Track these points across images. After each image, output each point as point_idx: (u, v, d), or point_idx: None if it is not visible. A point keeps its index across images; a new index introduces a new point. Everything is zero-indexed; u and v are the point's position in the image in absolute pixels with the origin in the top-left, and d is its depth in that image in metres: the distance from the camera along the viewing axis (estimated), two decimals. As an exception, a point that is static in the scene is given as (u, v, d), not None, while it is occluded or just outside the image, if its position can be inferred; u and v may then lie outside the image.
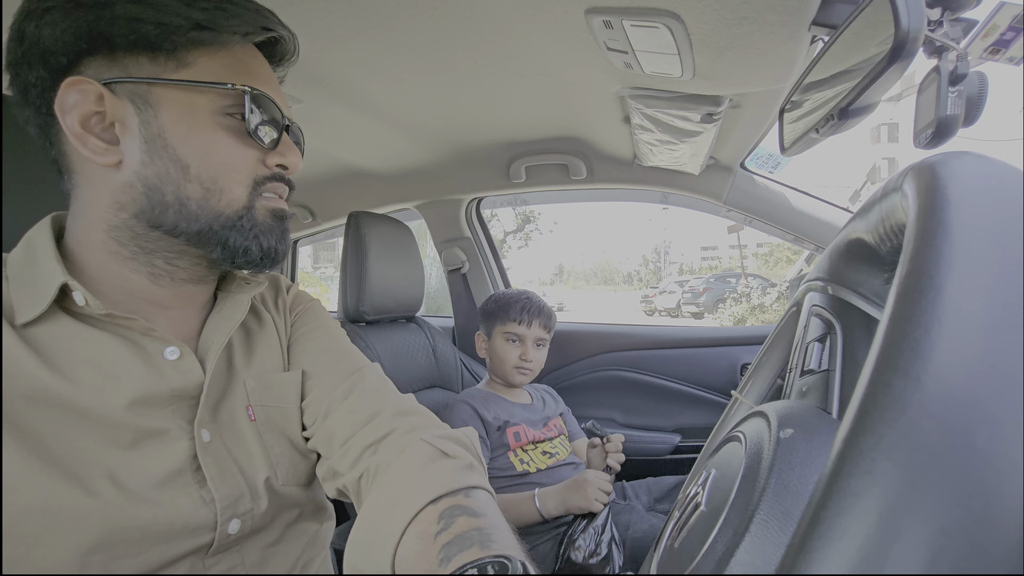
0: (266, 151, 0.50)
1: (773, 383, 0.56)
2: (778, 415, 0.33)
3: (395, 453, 0.51)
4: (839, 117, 0.62)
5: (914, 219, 0.19)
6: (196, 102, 0.47)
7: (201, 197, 0.48)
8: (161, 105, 0.46)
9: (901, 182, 0.27)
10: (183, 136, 0.47)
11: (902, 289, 0.17)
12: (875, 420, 0.15)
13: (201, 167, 0.47)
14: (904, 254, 0.18)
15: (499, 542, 0.39)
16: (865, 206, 0.35)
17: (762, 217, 1.40)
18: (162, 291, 0.51)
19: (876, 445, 0.14)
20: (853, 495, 0.14)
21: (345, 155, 1.55)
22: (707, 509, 0.32)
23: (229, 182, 0.48)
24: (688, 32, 0.70)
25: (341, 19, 0.83)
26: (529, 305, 1.30)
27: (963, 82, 0.53)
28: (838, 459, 0.15)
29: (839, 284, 0.40)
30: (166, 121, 0.46)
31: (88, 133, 0.46)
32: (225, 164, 0.48)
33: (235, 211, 0.49)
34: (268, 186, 0.51)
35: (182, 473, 0.49)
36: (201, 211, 0.48)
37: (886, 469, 0.14)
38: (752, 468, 0.31)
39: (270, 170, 0.51)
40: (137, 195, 0.47)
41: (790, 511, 0.27)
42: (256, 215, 0.50)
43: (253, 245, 0.50)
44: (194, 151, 0.47)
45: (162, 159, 0.46)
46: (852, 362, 0.37)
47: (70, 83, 0.45)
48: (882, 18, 0.55)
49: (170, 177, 0.47)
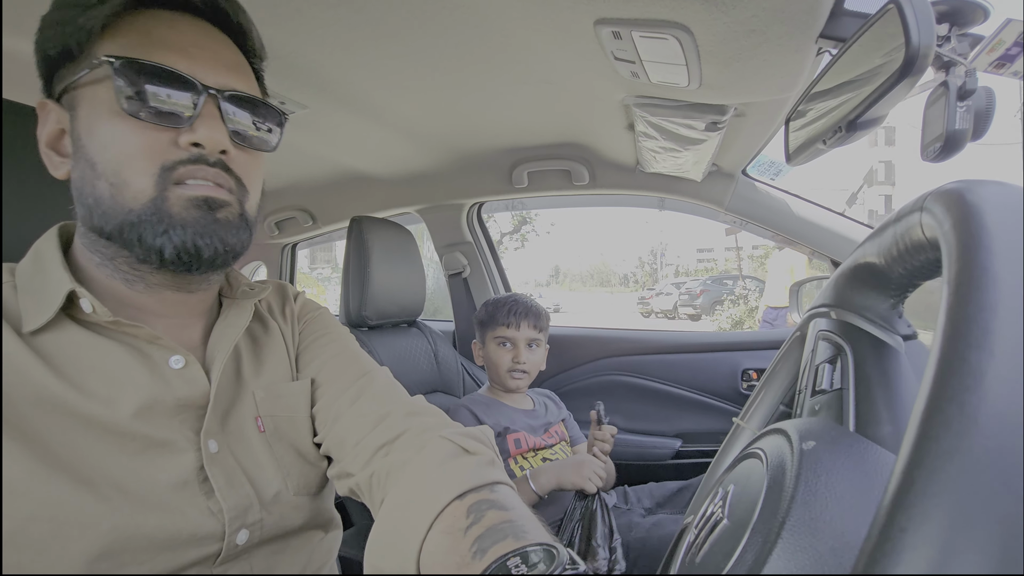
0: (179, 130, 0.45)
1: (776, 409, 0.56)
2: (797, 430, 0.34)
3: (412, 451, 0.51)
4: (847, 129, 0.63)
5: (955, 249, 0.20)
6: (98, 95, 0.44)
7: (109, 194, 0.44)
8: (80, 106, 0.45)
9: (923, 204, 0.27)
10: (89, 132, 0.45)
11: (950, 329, 0.17)
12: (932, 467, 0.15)
13: (104, 162, 0.44)
14: (949, 288, 0.19)
15: (532, 533, 0.39)
16: (877, 230, 0.36)
17: (763, 223, 1.41)
18: (143, 297, 0.50)
19: (932, 489, 0.15)
20: (916, 531, 0.14)
21: (348, 159, 1.55)
22: (731, 523, 0.33)
23: (132, 173, 0.44)
24: (697, 43, 0.71)
25: (349, 27, 0.83)
26: (516, 307, 1.29)
27: (971, 97, 0.53)
28: (897, 497, 0.15)
29: (845, 309, 0.41)
30: (80, 121, 0.45)
31: (51, 151, 0.47)
32: (124, 153, 0.44)
33: (142, 205, 0.44)
34: (184, 171, 0.45)
35: (188, 484, 0.48)
36: (112, 209, 0.44)
37: (945, 511, 0.14)
38: (777, 479, 0.31)
39: (186, 152, 0.45)
40: (76, 203, 0.47)
41: (819, 517, 0.27)
42: (168, 207, 0.44)
43: (163, 241, 0.44)
44: (97, 146, 0.44)
45: (80, 161, 0.45)
46: (864, 380, 0.38)
47: (38, 107, 0.47)
48: (891, 32, 0.56)
49: (86, 178, 0.45)
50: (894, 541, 0.14)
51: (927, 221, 0.26)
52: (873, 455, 0.29)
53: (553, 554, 0.35)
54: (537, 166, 1.51)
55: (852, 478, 0.28)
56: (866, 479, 0.28)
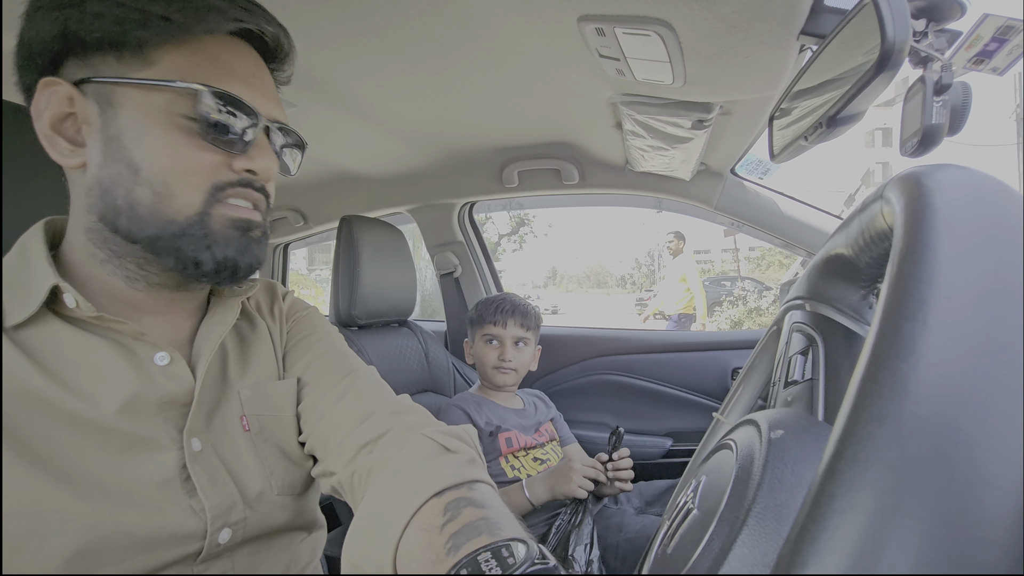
0: (233, 155, 0.47)
1: (754, 403, 0.56)
2: (767, 420, 0.34)
3: (394, 449, 0.50)
4: (827, 125, 0.63)
5: (902, 227, 0.20)
6: (154, 102, 0.44)
7: (151, 202, 0.45)
8: (122, 105, 0.44)
9: (882, 191, 0.27)
10: (137, 137, 0.44)
11: (889, 302, 0.17)
12: (861, 433, 0.15)
13: (152, 170, 0.45)
14: (892, 264, 0.19)
15: (507, 530, 0.39)
16: (846, 221, 0.36)
17: (752, 222, 1.41)
18: (140, 295, 0.50)
19: (863, 455, 0.15)
20: (844, 496, 0.14)
21: (337, 159, 1.55)
22: (700, 513, 0.33)
23: (181, 186, 0.45)
24: (679, 40, 0.71)
25: (334, 23, 0.83)
26: (503, 305, 1.31)
27: (947, 92, 0.54)
28: (829, 465, 0.15)
29: (818, 301, 0.41)
30: (124, 122, 0.44)
31: (57, 135, 0.45)
32: (178, 167, 0.45)
33: (187, 218, 0.46)
34: (231, 192, 0.47)
35: (170, 483, 0.48)
36: (151, 217, 0.45)
37: (874, 476, 0.14)
38: (745, 468, 0.31)
39: (237, 175, 0.48)
40: (96, 199, 0.46)
41: (785, 503, 0.27)
42: (211, 223, 0.47)
43: (205, 256, 0.46)
44: (146, 153, 0.44)
45: (116, 161, 0.45)
46: (835, 371, 0.38)
47: (43, 84, 0.44)
48: (868, 28, 0.56)
49: (121, 180, 0.45)
50: (823, 508, 0.14)
51: (886, 209, 0.26)
52: (839, 443, 0.30)
53: (524, 549, 0.35)
54: (527, 165, 1.52)
55: (818, 464, 0.28)
56: None
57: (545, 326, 1.86)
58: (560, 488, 1.04)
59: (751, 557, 0.27)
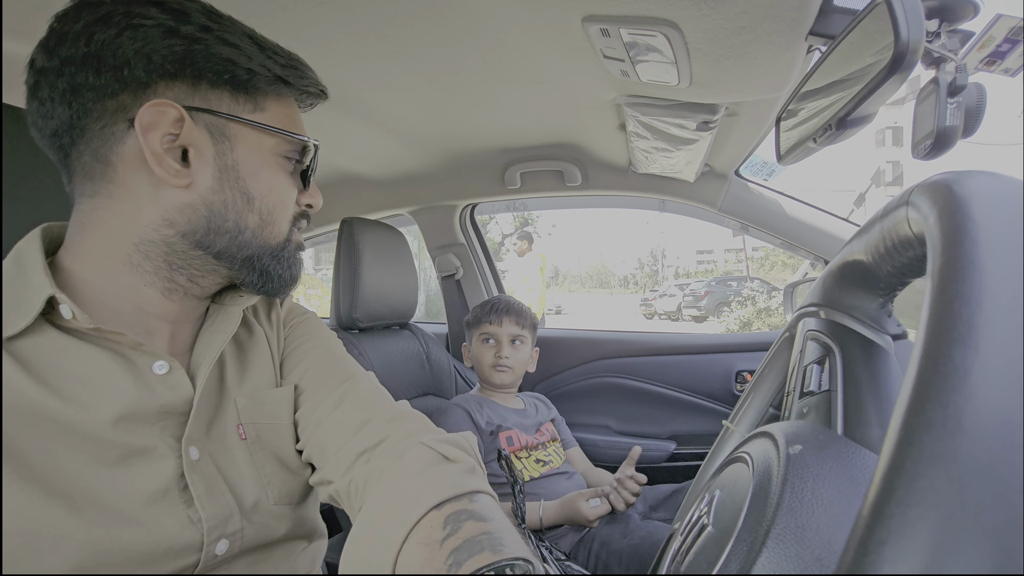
0: (300, 192, 0.56)
1: (766, 411, 0.55)
2: (784, 433, 0.32)
3: (392, 458, 0.50)
4: (837, 127, 0.62)
5: (939, 240, 0.19)
6: (265, 143, 0.51)
7: (257, 227, 0.52)
8: (237, 140, 0.49)
9: (909, 197, 0.26)
10: (254, 171, 0.51)
11: (933, 324, 0.16)
12: (912, 472, 0.14)
13: (264, 201, 0.52)
14: (932, 281, 0.17)
15: (510, 546, 0.38)
16: (864, 227, 0.35)
17: (756, 224, 1.40)
18: (172, 306, 0.51)
19: (915, 498, 0.13)
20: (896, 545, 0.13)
21: (338, 160, 1.54)
22: (715, 530, 0.32)
23: (280, 216, 0.53)
24: (686, 41, 0.70)
25: (337, 25, 0.82)
26: (499, 304, 1.32)
27: (962, 93, 0.53)
28: (876, 505, 0.14)
29: (834, 309, 0.40)
30: (240, 155, 0.50)
31: (167, 154, 0.47)
32: (281, 200, 0.53)
33: (279, 243, 0.54)
34: (300, 222, 0.57)
35: (168, 492, 0.47)
36: (253, 239, 0.52)
37: (929, 524, 0.13)
38: (762, 485, 0.30)
39: (300, 208, 0.57)
40: (197, 217, 0.49)
41: (806, 525, 0.26)
42: (291, 247, 0.56)
43: (287, 273, 0.56)
44: (260, 186, 0.51)
45: (232, 189, 0.50)
46: (853, 382, 0.37)
47: (155, 103, 0.45)
48: (880, 29, 0.55)
49: (235, 206, 0.50)
50: (873, 555, 0.13)
51: (913, 216, 0.25)
52: (861, 459, 0.28)
53: (529, 570, 0.34)
54: (530, 167, 1.51)
55: (840, 483, 0.27)
56: (854, 485, 0.27)
57: (548, 328, 1.86)
58: (575, 518, 1.06)
59: None
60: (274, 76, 0.50)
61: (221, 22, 0.48)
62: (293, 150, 0.53)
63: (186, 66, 0.46)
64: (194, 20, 0.47)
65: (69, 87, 0.45)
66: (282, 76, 0.51)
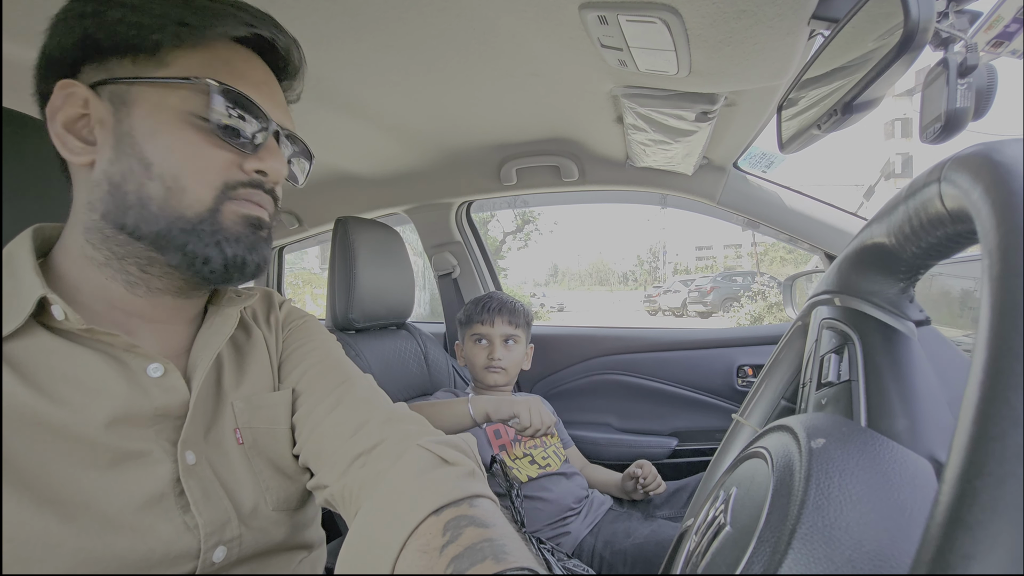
0: (245, 155, 0.48)
1: (777, 404, 0.53)
2: (804, 427, 0.31)
3: (389, 461, 0.48)
4: (843, 112, 0.60)
5: (991, 213, 0.17)
6: (167, 100, 0.45)
7: (162, 197, 0.45)
8: (136, 104, 0.45)
9: (941, 174, 0.24)
10: (149, 133, 0.45)
11: (1003, 300, 0.14)
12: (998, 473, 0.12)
13: (164, 165, 0.45)
14: (992, 256, 0.16)
15: (514, 554, 0.36)
16: (886, 208, 0.33)
17: (755, 217, 1.39)
18: (140, 301, 0.49)
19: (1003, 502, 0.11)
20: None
21: (332, 159, 1.52)
22: (734, 530, 0.30)
23: (193, 182, 0.45)
24: (685, 27, 0.68)
25: (326, 18, 0.80)
26: (490, 303, 1.29)
27: (972, 73, 0.51)
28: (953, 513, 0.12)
29: (851, 295, 0.38)
30: (136, 119, 0.45)
31: (68, 133, 0.45)
32: (190, 163, 0.45)
33: (196, 214, 0.46)
34: (242, 191, 0.48)
35: (164, 497, 0.46)
36: (161, 212, 0.45)
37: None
38: (784, 481, 0.28)
39: (247, 175, 0.48)
40: (103, 194, 0.46)
41: (835, 523, 0.25)
42: (222, 219, 0.47)
43: (214, 253, 0.46)
44: (158, 148, 0.45)
45: (127, 156, 0.45)
46: (876, 372, 0.35)
47: (60, 87, 0.45)
48: (886, 10, 0.53)
49: (133, 175, 0.45)
50: (957, 570, 0.11)
51: (949, 191, 0.23)
52: (890, 452, 0.27)
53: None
54: (526, 163, 1.49)
55: (868, 479, 0.26)
56: (884, 479, 0.25)
57: (547, 325, 1.84)
58: (508, 409, 0.94)
59: None
60: (166, 23, 0.44)
61: None
62: (205, 105, 0.45)
63: (87, 45, 0.45)
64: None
65: (40, 102, 0.48)
66: (181, 19, 0.44)
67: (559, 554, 0.98)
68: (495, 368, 1.25)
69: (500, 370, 1.25)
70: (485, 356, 1.26)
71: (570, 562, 0.97)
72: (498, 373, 1.25)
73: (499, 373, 1.25)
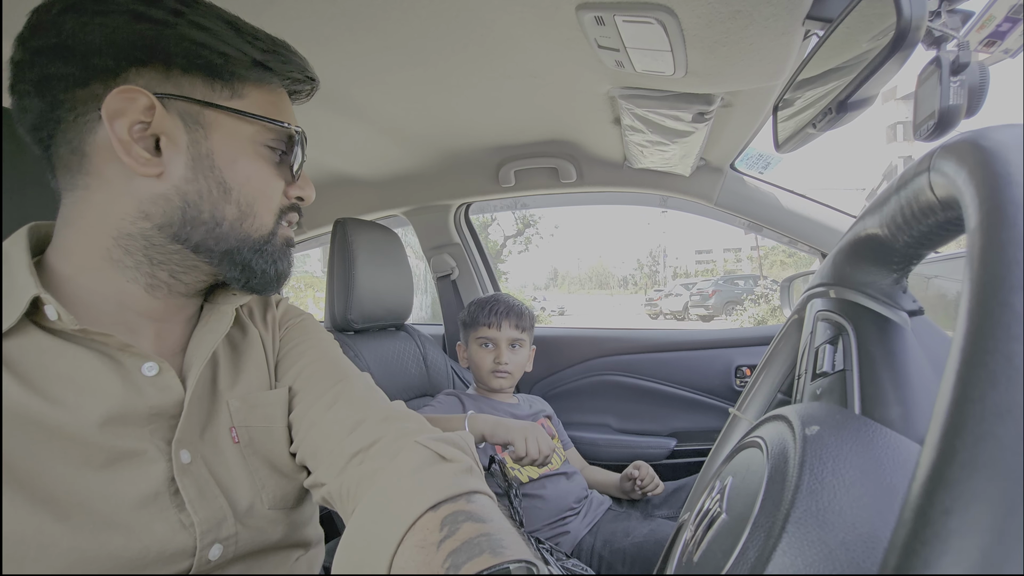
0: (288, 184, 0.53)
1: (774, 397, 0.53)
2: (799, 415, 0.31)
3: (386, 458, 0.48)
4: (837, 110, 0.61)
5: (975, 193, 0.17)
6: (244, 131, 0.49)
7: (235, 219, 0.49)
8: (212, 128, 0.47)
9: (930, 163, 0.25)
10: (230, 160, 0.48)
11: (984, 275, 0.15)
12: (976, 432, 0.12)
13: (242, 191, 0.49)
14: (976, 234, 0.16)
15: (511, 548, 0.36)
16: (878, 201, 0.33)
17: (752, 217, 1.40)
18: (156, 303, 0.50)
19: (982, 459, 0.12)
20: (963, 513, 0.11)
21: (330, 161, 1.52)
22: (729, 518, 0.30)
23: (262, 208, 0.51)
24: (681, 27, 0.69)
25: (324, 20, 0.81)
26: (497, 307, 1.28)
27: (965, 71, 0.52)
28: (934, 471, 0.13)
29: (845, 287, 0.39)
30: (216, 144, 0.48)
31: (134, 142, 0.45)
32: (262, 192, 0.51)
33: (261, 236, 0.51)
34: (288, 216, 0.54)
35: (159, 496, 0.46)
36: (232, 232, 0.49)
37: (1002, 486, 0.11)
38: (779, 468, 0.28)
39: (290, 201, 0.54)
40: (172, 208, 0.47)
41: (828, 507, 0.25)
42: (276, 241, 0.53)
43: (271, 268, 0.53)
44: (238, 176, 0.49)
45: (207, 178, 0.48)
46: (869, 360, 0.35)
47: (123, 90, 0.44)
48: (879, 10, 0.54)
49: (211, 196, 0.48)
50: (936, 526, 0.12)
51: (937, 180, 0.23)
52: (883, 438, 0.27)
53: (531, 570, 0.32)
54: (524, 164, 1.49)
55: (862, 464, 0.26)
56: (877, 464, 0.26)
57: (546, 327, 1.85)
58: (502, 435, 0.90)
59: (793, 567, 0.24)
60: (252, 61, 0.48)
61: (194, 6, 0.46)
62: (276, 139, 0.51)
63: (156, 52, 0.45)
64: (165, 4, 0.45)
65: (41, 77, 0.45)
66: (261, 61, 0.49)
67: (558, 553, 0.98)
68: (502, 373, 1.24)
69: (506, 374, 1.25)
70: (492, 360, 1.25)
71: (569, 561, 0.97)
72: (504, 377, 1.25)
73: (505, 377, 1.25)
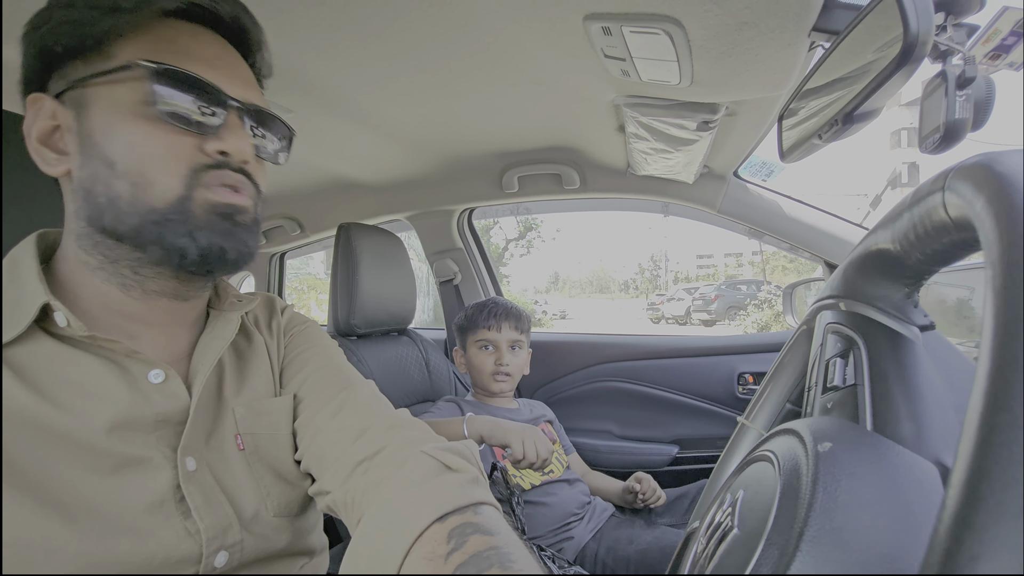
0: (205, 137, 0.46)
1: (783, 407, 0.53)
2: (811, 430, 0.31)
3: (392, 468, 0.48)
4: (843, 122, 0.61)
5: (994, 224, 0.17)
6: (117, 95, 0.44)
7: (130, 193, 0.44)
8: (91, 104, 0.45)
9: (945, 183, 0.25)
10: (106, 131, 0.44)
11: (1006, 309, 0.15)
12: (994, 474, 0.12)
13: (126, 161, 0.44)
14: (995, 268, 0.16)
15: (520, 562, 0.36)
16: (890, 215, 0.34)
17: (755, 225, 1.40)
18: (137, 304, 0.49)
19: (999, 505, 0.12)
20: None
21: (334, 165, 1.53)
22: (742, 532, 0.30)
23: (158, 173, 0.44)
24: (688, 38, 0.70)
25: (333, 27, 0.81)
26: (496, 309, 1.28)
27: (971, 85, 0.52)
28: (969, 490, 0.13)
29: (856, 300, 0.39)
30: (94, 120, 0.45)
31: (44, 147, 0.46)
32: (150, 155, 0.44)
33: (167, 204, 0.44)
34: (211, 176, 0.46)
35: (164, 504, 0.46)
36: (131, 208, 0.44)
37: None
38: (791, 484, 0.29)
39: (211, 157, 0.46)
40: (81, 201, 0.46)
41: (844, 527, 0.25)
42: (192, 207, 0.45)
43: (188, 243, 0.45)
44: (117, 145, 0.44)
45: (92, 159, 0.45)
46: (881, 376, 0.35)
47: (30, 102, 0.46)
48: (885, 23, 0.54)
49: (100, 176, 0.44)
50: (964, 570, 0.12)
51: (952, 200, 0.24)
52: (897, 456, 0.27)
53: None
54: (527, 170, 1.50)
55: (877, 482, 0.26)
56: (892, 484, 0.26)
57: (548, 332, 1.85)
58: (500, 437, 0.90)
59: None
60: (100, 13, 0.42)
61: None
62: (155, 92, 0.43)
63: (46, 57, 0.45)
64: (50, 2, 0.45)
65: None
66: (113, 6, 0.42)
67: (560, 561, 0.98)
68: (503, 375, 1.24)
69: (507, 377, 1.25)
70: (492, 362, 1.25)
71: (571, 569, 0.97)
72: (504, 380, 1.25)
73: (505, 380, 1.25)
